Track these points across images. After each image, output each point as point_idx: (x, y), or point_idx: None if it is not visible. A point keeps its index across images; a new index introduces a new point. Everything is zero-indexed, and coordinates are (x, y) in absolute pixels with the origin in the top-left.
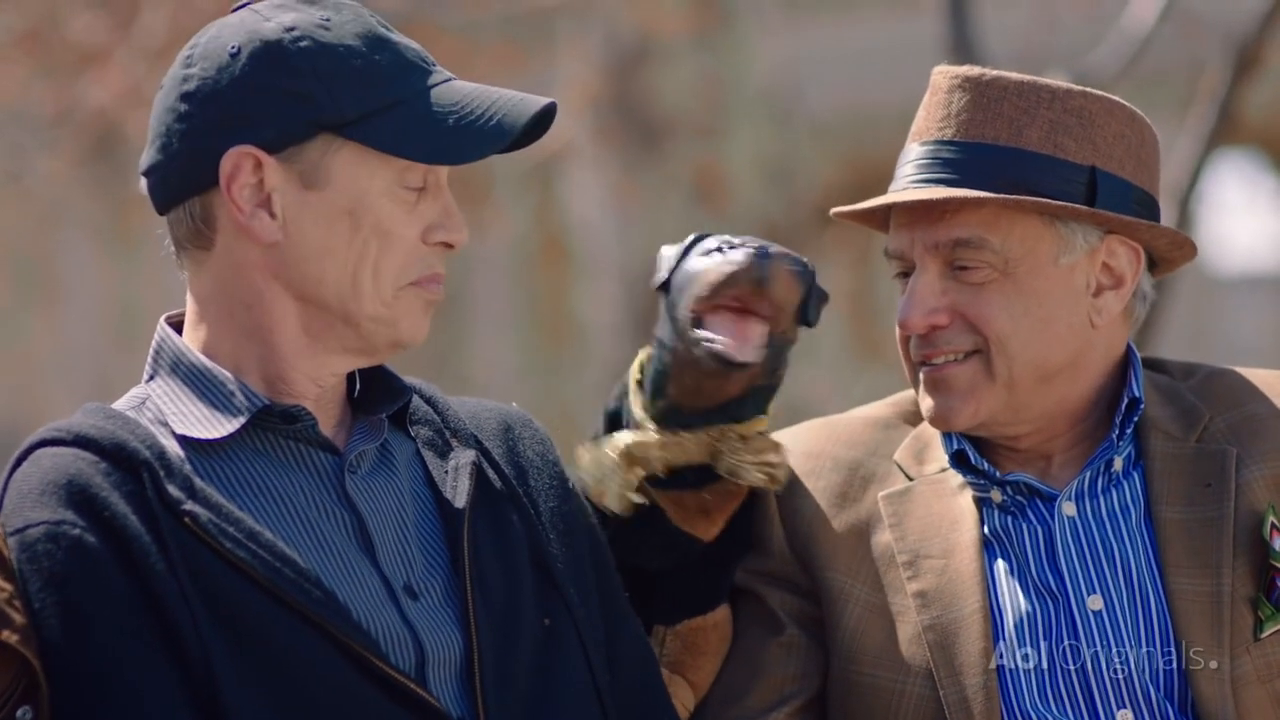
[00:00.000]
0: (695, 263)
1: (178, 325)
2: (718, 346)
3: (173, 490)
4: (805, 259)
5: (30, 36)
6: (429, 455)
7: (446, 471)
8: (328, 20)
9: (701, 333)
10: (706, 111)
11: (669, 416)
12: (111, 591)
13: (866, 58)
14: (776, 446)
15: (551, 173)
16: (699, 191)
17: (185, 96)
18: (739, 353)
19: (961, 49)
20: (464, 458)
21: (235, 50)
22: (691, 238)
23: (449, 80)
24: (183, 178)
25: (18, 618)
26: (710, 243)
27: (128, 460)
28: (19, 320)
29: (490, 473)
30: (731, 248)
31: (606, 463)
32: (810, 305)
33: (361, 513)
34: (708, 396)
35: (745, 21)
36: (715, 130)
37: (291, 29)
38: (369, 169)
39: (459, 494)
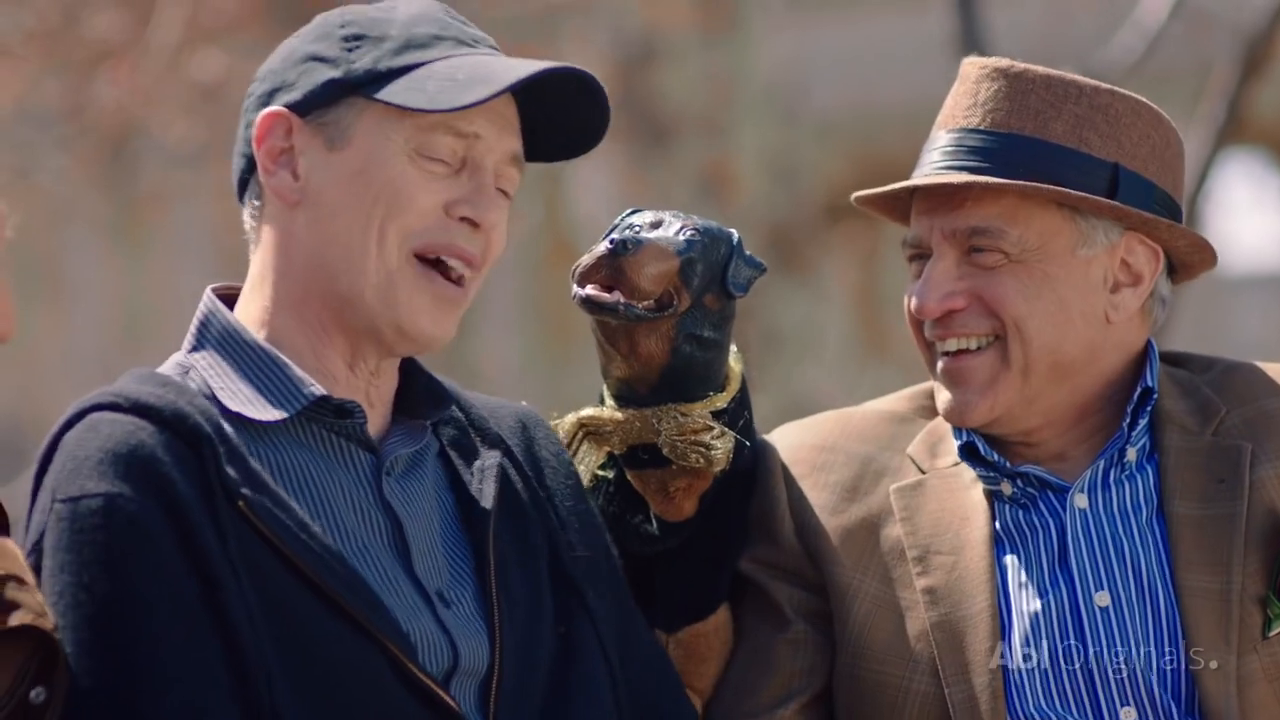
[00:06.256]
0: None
1: (224, 297)
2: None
3: (231, 472)
4: (704, 231)
5: (43, 34)
6: (455, 456)
7: (473, 474)
8: (394, 6)
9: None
10: (713, 109)
11: (623, 394)
12: (166, 571)
13: (873, 55)
14: (714, 429)
15: (560, 170)
16: (706, 188)
17: (256, 78)
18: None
19: (969, 46)
20: (490, 460)
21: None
22: (626, 212)
23: (491, 55)
24: (242, 155)
25: (26, 597)
26: (623, 219)
27: (190, 434)
28: (25, 318)
29: (514, 474)
30: (631, 229)
31: (561, 431)
32: (730, 278)
33: (399, 517)
34: (630, 366)
35: (752, 19)
36: (722, 127)
37: (351, 8)
38: (385, 128)
39: (484, 499)
